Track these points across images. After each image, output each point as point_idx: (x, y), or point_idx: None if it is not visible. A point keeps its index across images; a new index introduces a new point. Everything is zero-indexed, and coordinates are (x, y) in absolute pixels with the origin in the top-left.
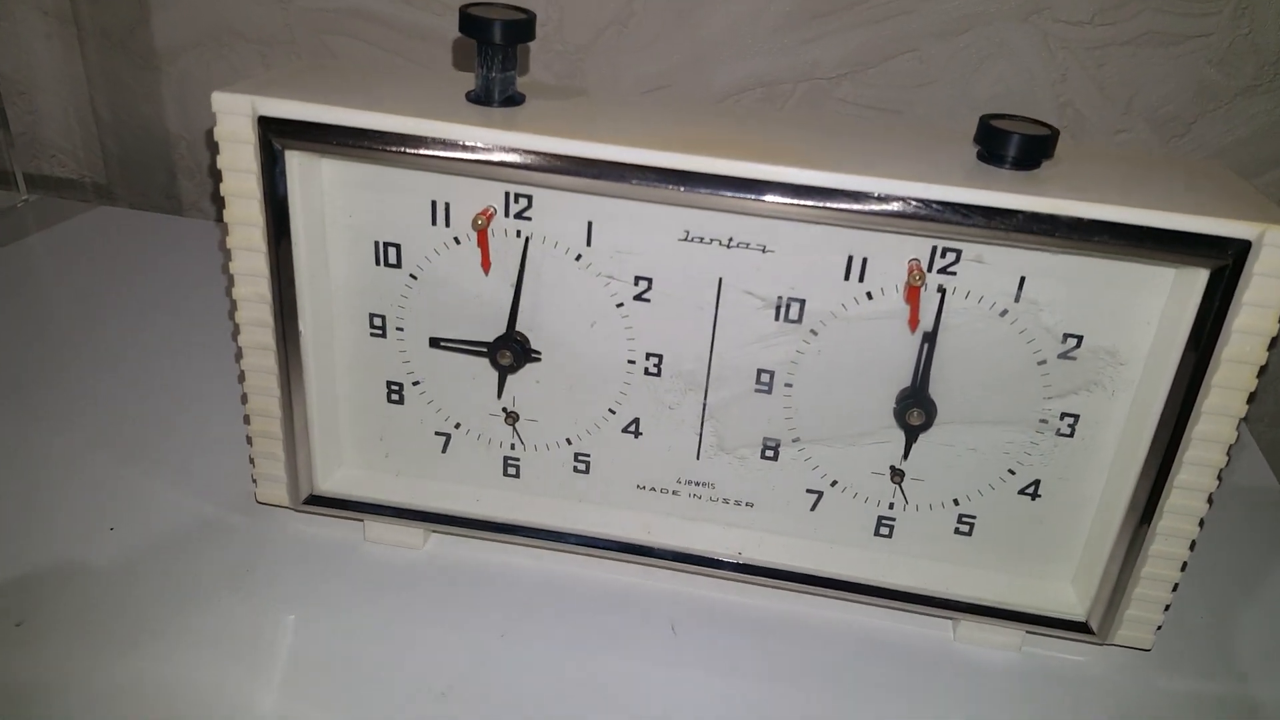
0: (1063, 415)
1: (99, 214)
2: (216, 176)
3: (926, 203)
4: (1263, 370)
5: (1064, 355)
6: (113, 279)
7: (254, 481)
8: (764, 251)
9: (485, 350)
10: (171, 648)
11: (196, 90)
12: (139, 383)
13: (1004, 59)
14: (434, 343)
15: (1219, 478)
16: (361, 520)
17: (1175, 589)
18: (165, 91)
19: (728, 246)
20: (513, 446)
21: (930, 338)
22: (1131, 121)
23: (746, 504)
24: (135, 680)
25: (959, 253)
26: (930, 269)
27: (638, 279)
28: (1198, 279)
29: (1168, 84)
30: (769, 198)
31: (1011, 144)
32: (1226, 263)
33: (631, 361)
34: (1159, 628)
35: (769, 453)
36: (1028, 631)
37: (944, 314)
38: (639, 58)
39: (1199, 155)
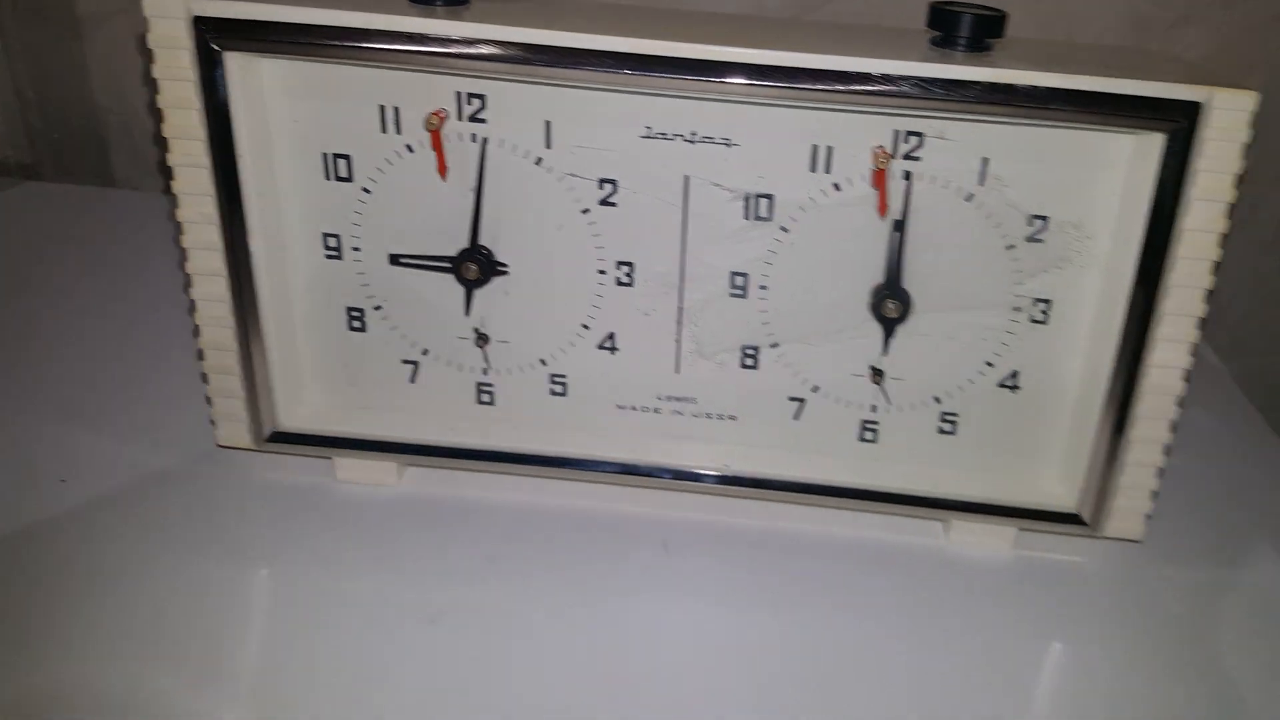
0: (1035, 301)
1: (25, 190)
2: (152, 84)
3: (888, 77)
4: (1225, 237)
5: (1032, 238)
6: (49, 252)
7: (213, 424)
8: (729, 145)
9: (449, 265)
10: (133, 598)
11: (125, 59)
12: (86, 348)
13: None
14: (394, 260)
15: (1193, 353)
16: (330, 458)
17: (1161, 474)
18: (91, 62)
19: (691, 141)
20: (485, 371)
21: (900, 226)
22: None
23: (729, 417)
24: (94, 632)
25: (922, 136)
26: (895, 155)
27: (602, 181)
28: (1154, 145)
29: (1105, 17)
30: (731, 79)
31: (963, 24)
32: (1181, 124)
33: (602, 272)
34: (1149, 516)
35: (749, 360)
36: (1020, 529)
37: (911, 199)
38: None
39: None
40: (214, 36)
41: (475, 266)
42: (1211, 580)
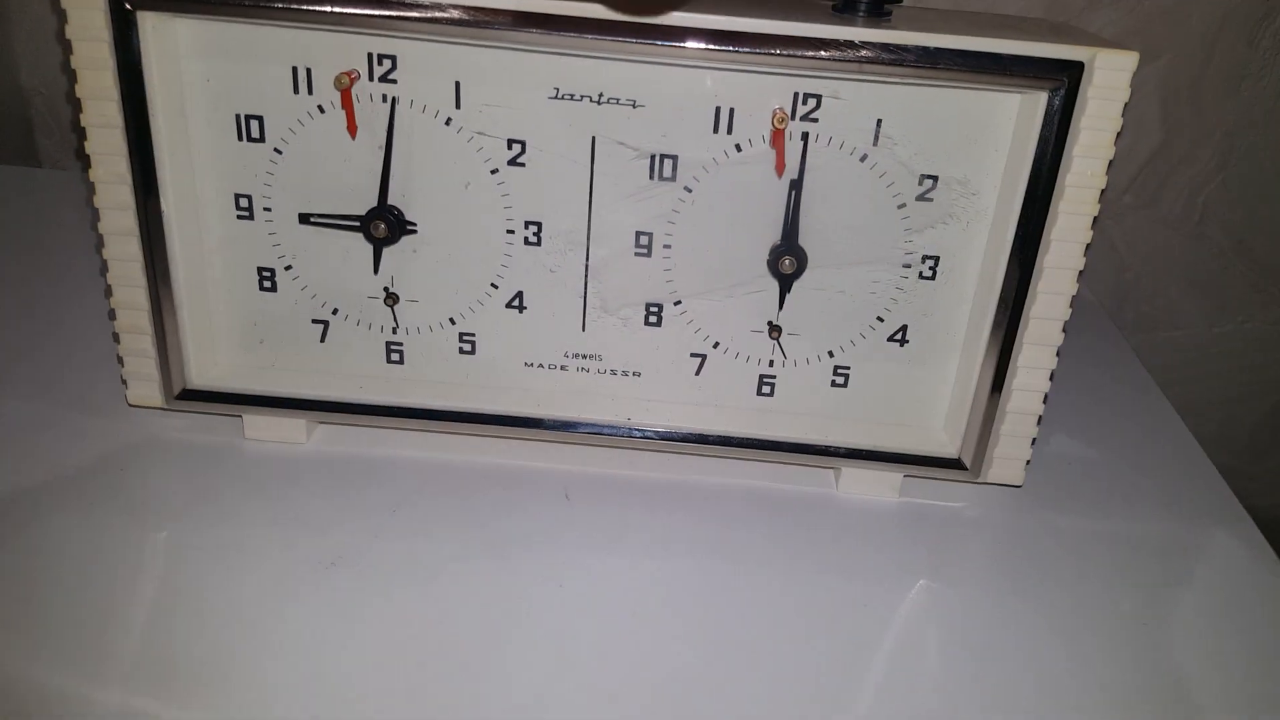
0: (924, 258)
1: None
2: (66, 45)
3: (786, 39)
4: (1102, 194)
5: (922, 197)
6: None
7: (124, 383)
8: (634, 106)
9: (358, 224)
10: (34, 553)
11: (50, 40)
12: (5, 319)
13: None
14: (304, 219)
15: (1070, 306)
16: (240, 416)
17: (1039, 422)
18: (16, 44)
19: (598, 103)
20: (394, 330)
21: (797, 185)
22: None
23: (634, 373)
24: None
25: (819, 98)
26: (794, 116)
27: (510, 142)
28: (1039, 104)
29: (1021, 0)
30: (636, 40)
31: None
32: (1061, 83)
33: (510, 231)
34: (1028, 463)
35: (652, 318)
36: (905, 475)
37: (808, 159)
38: None
39: None
40: None
41: (384, 225)
42: (1086, 526)
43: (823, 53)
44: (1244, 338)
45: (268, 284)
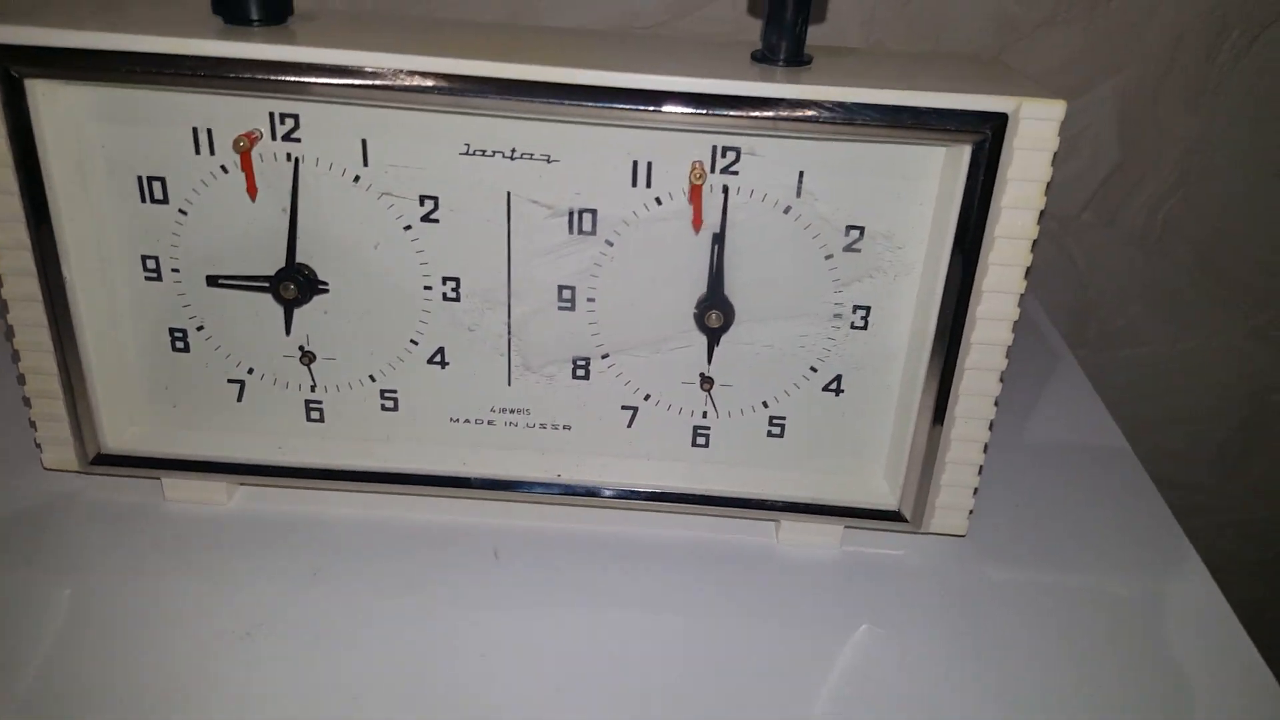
0: (855, 308)
1: None
2: None
3: (700, 96)
4: (1034, 245)
5: (849, 248)
6: None
7: (38, 446)
8: (549, 161)
9: (267, 285)
10: None
11: None
12: None
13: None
14: (211, 281)
15: (1007, 356)
16: (159, 479)
17: (980, 472)
18: None
19: (511, 158)
20: (313, 389)
21: (719, 238)
22: None
23: (564, 427)
24: None
25: (738, 151)
26: (713, 169)
27: (423, 198)
28: (963, 157)
29: (972, 18)
30: (546, 101)
31: (783, 41)
32: (985, 136)
33: (428, 288)
34: (971, 513)
35: (580, 371)
36: (846, 527)
37: (729, 213)
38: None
39: None
40: (15, 64)
41: (293, 286)
42: (1028, 578)
43: (734, 111)
44: (1208, 353)
45: (180, 344)
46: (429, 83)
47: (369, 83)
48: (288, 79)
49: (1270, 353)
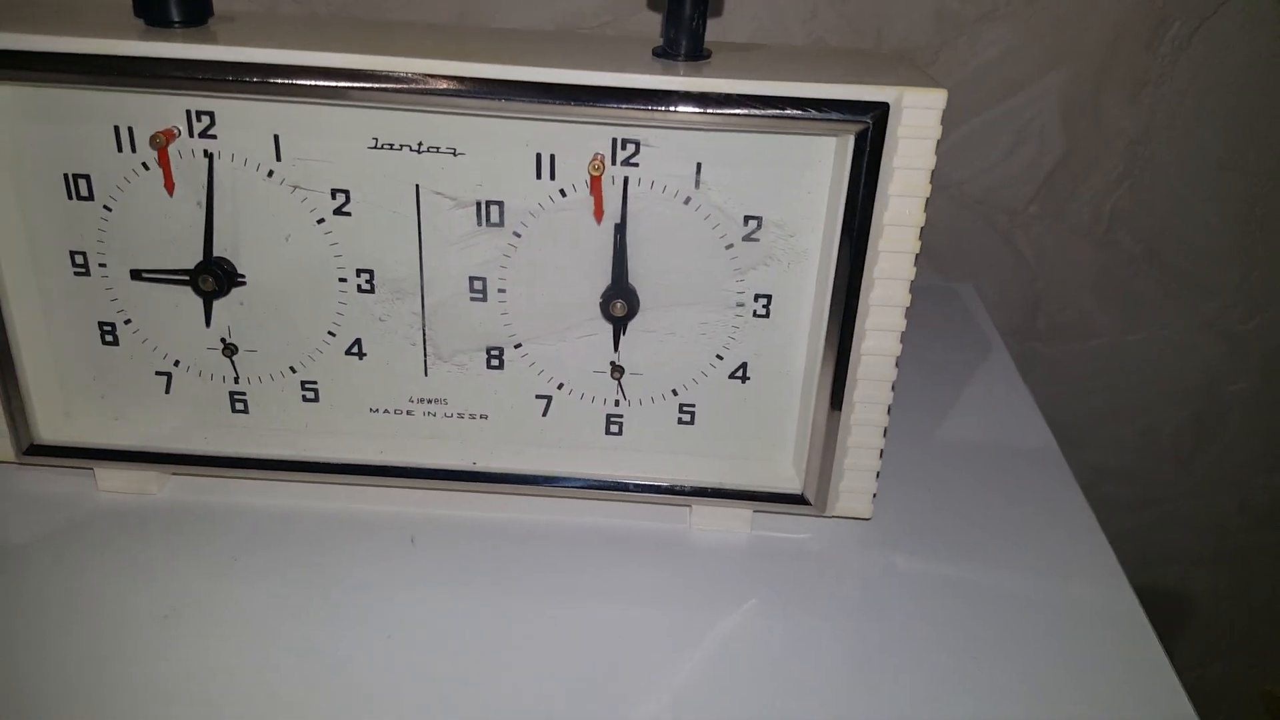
0: (757, 296)
1: None
2: None
3: (596, 90)
4: (922, 231)
5: (748, 237)
6: None
7: None
8: (455, 155)
9: (187, 279)
10: None
11: None
12: None
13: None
14: (135, 275)
15: (901, 341)
16: (92, 469)
17: (881, 456)
18: None
19: (418, 151)
20: (236, 380)
21: (621, 229)
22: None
23: (480, 416)
24: None
25: (638, 143)
26: (614, 161)
27: (334, 192)
28: (849, 146)
29: (912, 14)
30: (449, 95)
31: (681, 36)
32: (866, 125)
33: (343, 280)
34: (875, 496)
35: (494, 361)
36: (755, 511)
37: (629, 203)
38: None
39: (949, 82)
40: None
41: (211, 279)
42: (927, 568)
43: (631, 105)
44: (1159, 345)
45: (109, 338)
46: (335, 82)
47: (280, 80)
48: (207, 77)
49: (1220, 343)
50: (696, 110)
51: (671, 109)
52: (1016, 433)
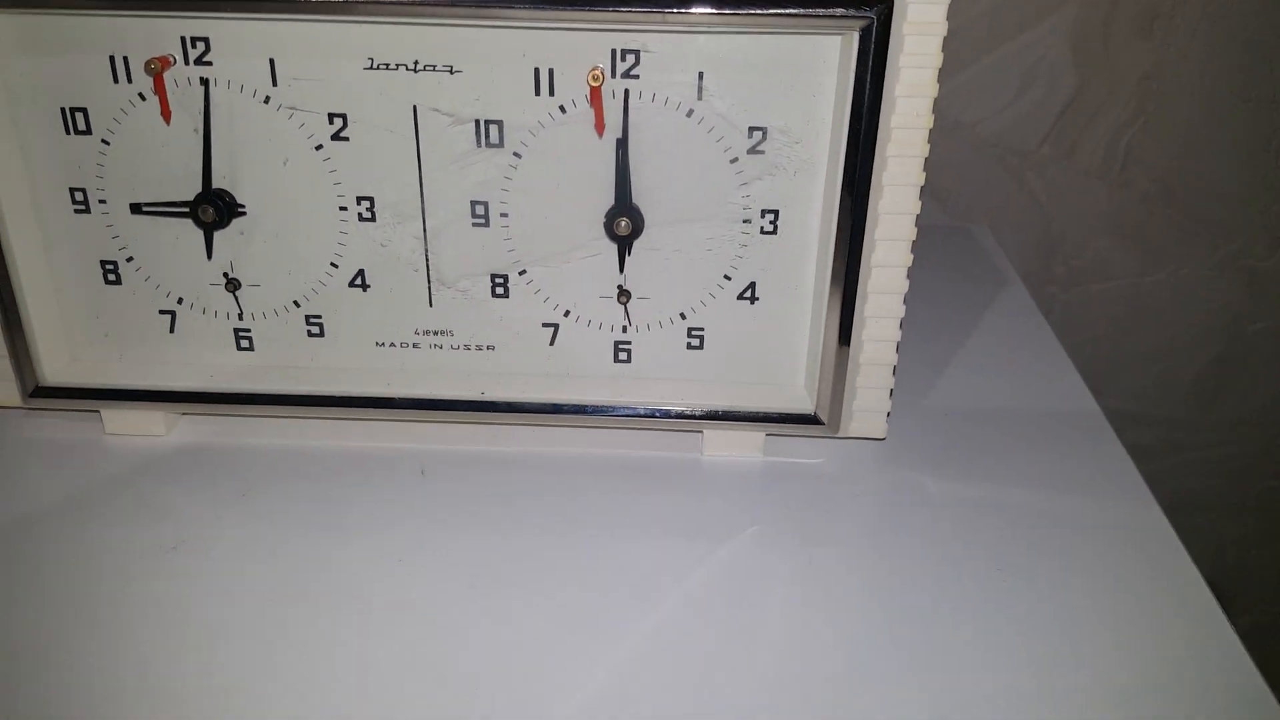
0: (764, 212)
1: None
2: None
3: None
4: (930, 134)
5: (753, 149)
6: None
7: None
8: (452, 73)
9: (187, 210)
10: None
11: None
12: None
13: None
14: (135, 209)
15: (912, 251)
16: (98, 412)
17: (895, 373)
18: None
19: (415, 70)
20: (240, 317)
21: (623, 144)
22: None
23: (487, 347)
24: None
25: (638, 53)
26: (614, 74)
27: (331, 116)
28: (854, 44)
29: None
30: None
31: None
32: (870, 20)
33: (344, 208)
34: (889, 415)
35: (499, 289)
36: (768, 435)
37: (631, 117)
38: None
39: (957, 21)
40: None
41: (212, 210)
42: (944, 488)
43: (630, 8)
44: (1177, 286)
45: (112, 277)
46: None
47: None
48: None
49: (1240, 283)
50: (701, 10)
51: (675, 10)
52: (1033, 361)
